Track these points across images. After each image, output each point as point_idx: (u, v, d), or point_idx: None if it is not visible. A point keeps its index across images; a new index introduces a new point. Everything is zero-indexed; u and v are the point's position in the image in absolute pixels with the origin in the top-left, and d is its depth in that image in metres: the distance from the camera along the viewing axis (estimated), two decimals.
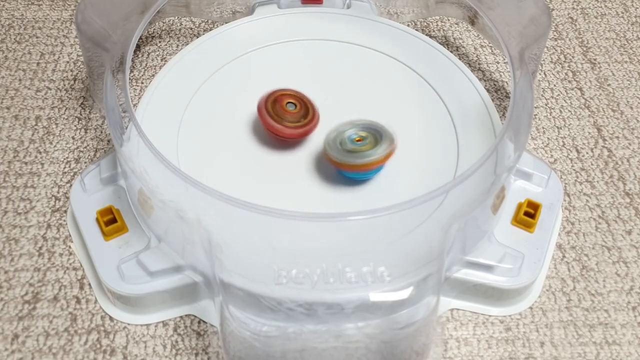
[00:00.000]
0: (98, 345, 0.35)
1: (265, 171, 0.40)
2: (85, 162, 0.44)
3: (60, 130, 0.45)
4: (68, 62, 0.50)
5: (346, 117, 0.43)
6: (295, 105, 0.40)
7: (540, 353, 0.35)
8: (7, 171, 0.43)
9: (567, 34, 0.54)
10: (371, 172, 0.38)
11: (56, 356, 0.35)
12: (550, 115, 0.48)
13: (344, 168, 0.38)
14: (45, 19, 0.54)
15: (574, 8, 0.57)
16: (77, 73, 0.49)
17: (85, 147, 0.44)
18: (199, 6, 0.52)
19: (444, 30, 0.54)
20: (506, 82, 0.50)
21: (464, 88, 0.44)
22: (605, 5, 0.57)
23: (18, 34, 0.53)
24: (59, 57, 0.51)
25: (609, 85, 0.50)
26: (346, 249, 0.34)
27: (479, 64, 0.51)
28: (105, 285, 0.35)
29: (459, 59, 0.46)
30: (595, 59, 0.52)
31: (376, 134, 0.38)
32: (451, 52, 0.48)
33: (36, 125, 0.46)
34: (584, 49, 0.53)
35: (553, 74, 0.51)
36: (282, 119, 0.39)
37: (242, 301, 0.32)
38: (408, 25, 0.50)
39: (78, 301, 0.37)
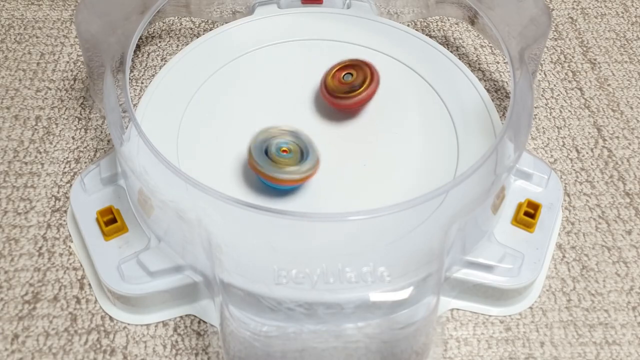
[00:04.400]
0: (98, 345, 0.35)
1: None
2: (85, 162, 0.44)
3: (60, 130, 0.45)
4: (68, 62, 0.50)
5: (346, 117, 0.43)
6: (352, 75, 0.41)
7: (540, 353, 0.35)
8: (7, 171, 0.43)
9: (567, 34, 0.54)
10: (288, 187, 0.38)
11: (56, 356, 0.35)
12: (550, 115, 0.48)
13: (263, 177, 0.37)
14: (45, 19, 0.54)
15: (574, 8, 0.57)
16: (77, 73, 0.49)
17: (85, 147, 0.44)
18: (199, 6, 0.52)
19: (444, 30, 0.54)
20: (506, 82, 0.50)
21: (464, 88, 0.44)
22: (605, 5, 0.57)
23: (18, 34, 0.53)
24: (59, 57, 0.51)
25: (609, 85, 0.50)
26: (346, 249, 0.34)
27: (479, 64, 0.51)
28: (105, 285, 0.35)
29: (459, 59, 0.46)
30: (595, 59, 0.52)
31: (303, 149, 0.37)
32: (451, 52, 0.48)
33: (36, 125, 0.46)
34: (584, 49, 0.53)
35: (553, 74, 0.51)
36: (338, 92, 0.41)
37: (242, 301, 0.32)
38: (408, 25, 0.50)
39: (78, 301, 0.37)
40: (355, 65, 0.42)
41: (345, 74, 0.41)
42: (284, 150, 0.37)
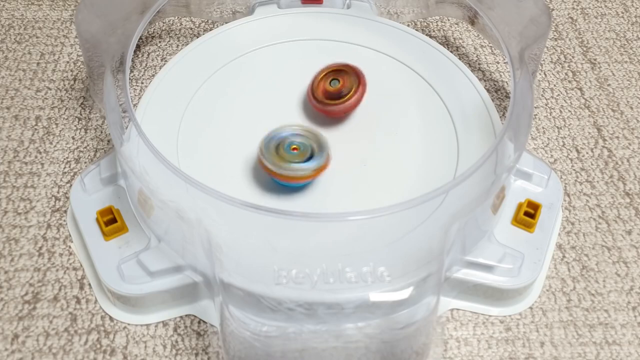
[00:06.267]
0: (98, 345, 0.35)
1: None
2: (85, 162, 0.44)
3: (60, 130, 0.45)
4: (68, 62, 0.50)
5: (347, 117, 0.43)
6: (339, 81, 0.41)
7: (540, 353, 0.35)
8: (7, 171, 0.43)
9: (567, 34, 0.54)
10: (301, 184, 0.38)
11: (56, 356, 0.35)
12: (550, 115, 0.48)
13: (275, 176, 0.37)
14: (45, 19, 0.54)
15: (574, 8, 0.57)
16: (77, 73, 0.49)
17: (85, 147, 0.44)
18: (199, 6, 0.52)
19: (444, 30, 0.54)
20: (506, 82, 0.50)
21: (464, 88, 0.44)
22: (605, 5, 0.57)
23: (18, 34, 0.53)
24: (59, 57, 0.51)
25: (609, 85, 0.50)
26: (346, 249, 0.34)
27: (479, 64, 0.51)
28: (105, 285, 0.35)
29: (459, 59, 0.46)
30: (595, 59, 0.52)
31: (313, 145, 0.38)
32: (451, 52, 0.48)
33: (36, 125, 0.46)
34: (584, 49, 0.53)
35: (553, 74, 0.51)
36: (325, 99, 0.40)
37: (242, 301, 0.32)
38: (408, 25, 0.50)
39: (78, 301, 0.37)
40: (341, 71, 0.41)
41: (332, 80, 0.41)
42: (294, 148, 0.37)
